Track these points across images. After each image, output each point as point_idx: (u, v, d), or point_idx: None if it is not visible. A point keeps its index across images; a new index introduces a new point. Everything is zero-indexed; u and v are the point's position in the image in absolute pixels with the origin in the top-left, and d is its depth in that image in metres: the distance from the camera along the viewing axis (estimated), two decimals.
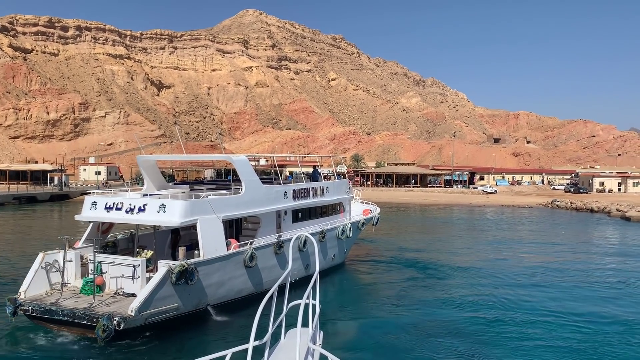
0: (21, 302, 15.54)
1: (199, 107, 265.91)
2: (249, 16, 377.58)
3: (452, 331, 16.90)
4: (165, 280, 15.44)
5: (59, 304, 15.36)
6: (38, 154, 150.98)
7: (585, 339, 16.33)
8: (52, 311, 15.01)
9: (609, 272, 27.56)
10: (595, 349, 15.50)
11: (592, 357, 14.93)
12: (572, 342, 16.01)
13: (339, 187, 27.45)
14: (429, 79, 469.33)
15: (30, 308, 15.33)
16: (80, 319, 14.57)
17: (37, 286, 16.50)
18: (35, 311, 15.26)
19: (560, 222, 56.95)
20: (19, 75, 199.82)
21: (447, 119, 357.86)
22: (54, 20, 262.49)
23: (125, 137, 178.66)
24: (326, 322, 16.67)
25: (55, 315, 14.95)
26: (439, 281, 24.56)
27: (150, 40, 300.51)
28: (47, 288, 16.83)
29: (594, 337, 16.57)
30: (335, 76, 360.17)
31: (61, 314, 14.83)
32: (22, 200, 74.76)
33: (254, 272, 19.27)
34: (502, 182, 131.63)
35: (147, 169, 22.21)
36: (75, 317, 14.64)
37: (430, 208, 75.42)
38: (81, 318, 14.56)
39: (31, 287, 16.30)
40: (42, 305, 15.29)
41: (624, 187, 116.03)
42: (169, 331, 15.89)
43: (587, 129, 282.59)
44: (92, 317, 14.38)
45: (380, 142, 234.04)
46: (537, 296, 21.68)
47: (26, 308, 15.39)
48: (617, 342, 16.07)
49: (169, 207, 17.08)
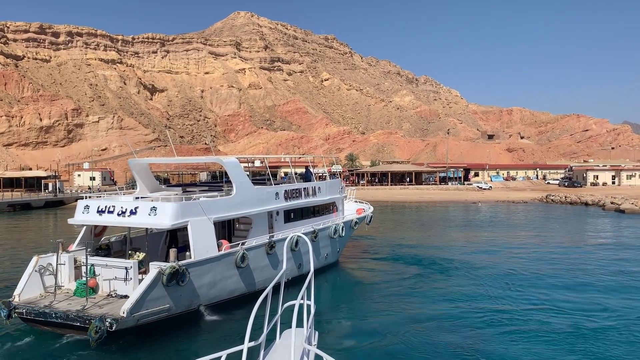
0: (15, 305, 15.78)
1: (192, 110, 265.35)
2: (240, 18, 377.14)
3: (448, 328, 16.95)
4: (157, 281, 15.64)
5: (52, 307, 15.59)
6: (32, 160, 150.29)
7: (584, 332, 16.43)
8: (45, 313, 15.25)
9: (607, 264, 27.69)
10: (594, 341, 15.58)
11: (592, 349, 15.02)
12: (569, 334, 16.09)
13: (331, 187, 27.59)
14: (421, 77, 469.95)
15: (24, 311, 15.56)
16: (74, 320, 14.81)
17: (31, 289, 16.75)
18: (30, 314, 15.49)
19: (555, 216, 57.20)
20: (10, 83, 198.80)
21: (441, 116, 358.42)
22: (45, 26, 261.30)
23: (119, 141, 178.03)
24: (321, 322, 16.70)
25: (49, 317, 15.18)
26: (434, 279, 24.63)
27: (142, 44, 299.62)
28: (41, 291, 17.06)
29: (593, 328, 16.65)
30: (328, 76, 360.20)
31: (55, 316, 15.09)
32: (17, 208, 74.38)
33: (246, 272, 19.42)
34: (497, 178, 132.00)
35: (140, 172, 22.33)
36: (68, 319, 14.89)
37: (426, 205, 75.57)
38: (74, 320, 14.80)
39: (25, 290, 16.56)
40: (36, 308, 15.52)
41: (617, 180, 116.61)
42: (162, 332, 15.99)
43: (580, 123, 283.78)
44: (84, 319, 14.61)
45: (375, 141, 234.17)
46: (534, 290, 21.77)
47: (20, 311, 15.62)
48: (617, 334, 16.17)
49: (160, 210, 17.30)
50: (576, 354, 14.66)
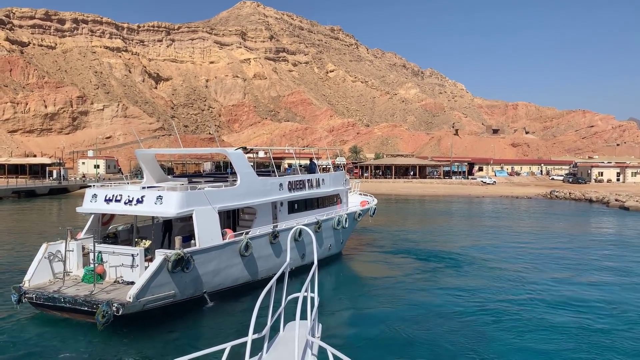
0: (26, 291, 16.31)
1: (197, 99, 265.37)
2: (246, 8, 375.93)
3: (452, 322, 16.95)
4: (162, 268, 16.10)
5: (61, 292, 16.12)
6: (36, 147, 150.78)
7: (589, 328, 16.41)
8: (54, 298, 15.77)
9: (612, 261, 27.63)
10: (597, 338, 15.57)
11: (595, 346, 15.01)
12: (570, 329, 16.09)
13: (335, 179, 27.89)
14: (427, 69, 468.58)
15: (34, 296, 16.08)
16: (81, 305, 15.32)
17: (40, 275, 17.29)
18: (39, 299, 16.01)
19: (559, 212, 57.08)
20: (16, 69, 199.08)
21: (446, 109, 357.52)
22: (50, 13, 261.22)
23: (124, 130, 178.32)
24: (325, 314, 16.75)
25: (58, 302, 15.70)
26: (438, 271, 24.63)
27: (147, 32, 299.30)
28: (50, 277, 17.60)
29: (596, 326, 16.64)
30: (333, 68, 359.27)
31: (63, 301, 15.61)
32: (21, 194, 74.69)
33: (250, 261, 19.80)
34: (501, 172, 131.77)
35: (146, 163, 22.80)
36: (76, 304, 15.41)
37: (429, 199, 75.51)
38: (82, 305, 15.31)
39: (35, 276, 17.10)
40: (45, 293, 16.04)
41: (622, 177, 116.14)
42: (167, 319, 16.28)
43: (585, 119, 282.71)
44: (92, 304, 15.12)
45: (379, 133, 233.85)
46: (538, 286, 21.74)
47: (30, 296, 16.14)
48: (623, 331, 16.16)
49: (166, 199, 17.73)
50: (580, 351, 14.65)
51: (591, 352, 14.55)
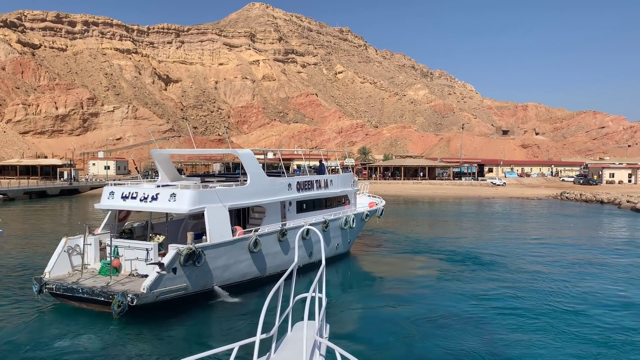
0: (46, 282, 17.39)
1: (206, 101, 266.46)
2: (255, 9, 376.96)
3: (460, 322, 16.85)
4: (174, 261, 16.89)
5: (79, 283, 17.15)
6: (47, 149, 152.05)
7: (599, 331, 16.27)
8: (73, 289, 16.83)
9: (627, 263, 27.36)
10: (608, 339, 15.42)
11: (604, 347, 14.87)
12: (578, 332, 15.95)
13: (344, 180, 28.42)
14: (436, 70, 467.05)
15: (54, 287, 17.17)
16: (98, 296, 16.38)
17: (60, 267, 18.38)
18: (59, 289, 17.11)
19: (570, 213, 56.64)
20: (27, 71, 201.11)
21: (455, 111, 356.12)
22: (61, 15, 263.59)
23: (134, 131, 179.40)
24: (332, 315, 16.76)
25: (76, 293, 16.77)
26: (447, 272, 24.51)
27: (157, 34, 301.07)
28: (69, 269, 18.69)
29: (610, 326, 16.49)
30: (342, 69, 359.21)
31: (81, 292, 16.66)
32: (33, 195, 75.33)
33: (258, 257, 20.46)
34: (511, 174, 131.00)
35: (161, 162, 23.81)
36: (93, 295, 16.47)
37: (439, 201, 75.23)
38: (99, 295, 16.37)
39: (55, 268, 18.19)
40: (64, 284, 17.12)
41: (634, 179, 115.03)
42: (178, 312, 17.09)
43: (596, 120, 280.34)
44: (108, 295, 16.17)
45: (388, 134, 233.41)
46: (550, 287, 21.57)
47: (50, 287, 17.23)
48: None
49: (179, 196, 18.71)
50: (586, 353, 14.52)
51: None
